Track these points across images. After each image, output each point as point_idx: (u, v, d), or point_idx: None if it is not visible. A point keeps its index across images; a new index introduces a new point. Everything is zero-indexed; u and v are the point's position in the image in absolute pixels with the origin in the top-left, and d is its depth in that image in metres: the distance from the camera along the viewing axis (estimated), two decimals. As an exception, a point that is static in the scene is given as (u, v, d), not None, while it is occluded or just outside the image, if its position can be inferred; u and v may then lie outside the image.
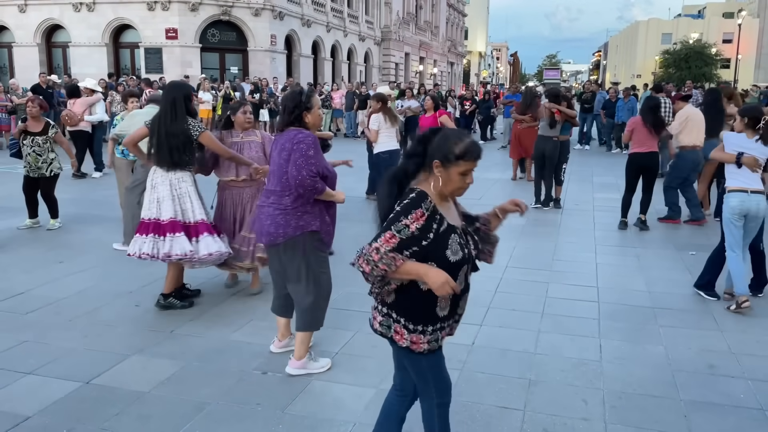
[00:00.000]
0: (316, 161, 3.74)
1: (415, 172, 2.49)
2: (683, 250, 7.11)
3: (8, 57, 28.01)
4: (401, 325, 2.56)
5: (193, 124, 4.88)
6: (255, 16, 26.52)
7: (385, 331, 2.62)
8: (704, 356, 4.33)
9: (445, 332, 2.65)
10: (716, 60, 56.07)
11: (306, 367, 4.00)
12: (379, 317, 2.63)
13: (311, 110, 3.87)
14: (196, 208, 4.99)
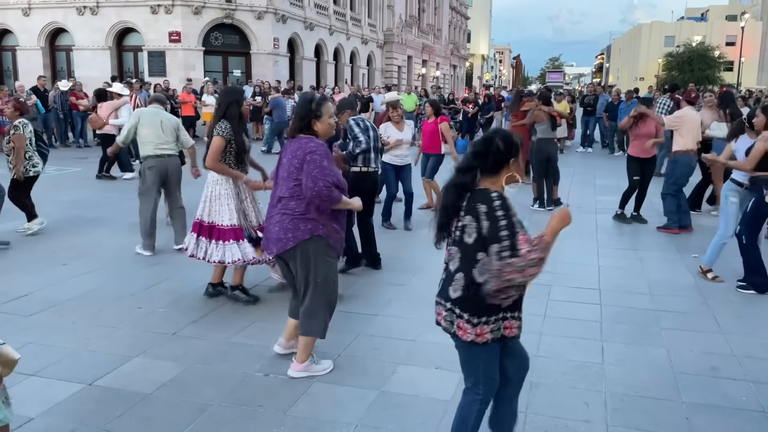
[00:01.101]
0: (331, 171, 3.75)
1: (476, 177, 2.68)
2: (685, 252, 7.10)
3: (12, 60, 28.12)
4: (465, 320, 2.68)
5: (217, 126, 5.02)
6: (258, 19, 26.58)
7: (448, 327, 2.75)
8: (706, 358, 4.33)
9: (507, 323, 2.75)
10: (719, 63, 55.99)
11: (308, 370, 4.00)
12: (443, 313, 2.76)
13: (320, 118, 3.83)
14: (224, 212, 5.14)
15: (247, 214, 5.26)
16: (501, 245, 2.51)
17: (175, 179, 6.88)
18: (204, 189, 5.28)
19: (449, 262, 2.77)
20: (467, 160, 2.72)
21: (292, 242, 3.77)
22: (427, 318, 5.00)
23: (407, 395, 3.78)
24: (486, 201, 2.60)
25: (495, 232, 2.54)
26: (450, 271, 2.75)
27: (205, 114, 18.87)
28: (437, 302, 2.81)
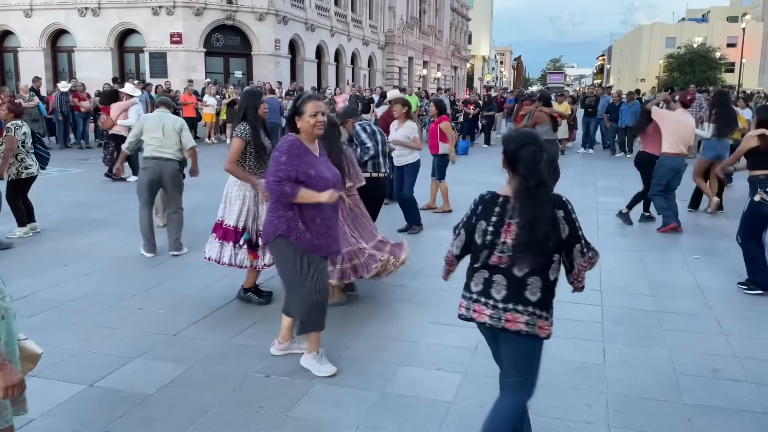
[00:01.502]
0: (287, 166, 3.75)
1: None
2: (687, 253, 7.10)
3: (14, 61, 28.16)
4: (543, 318, 2.78)
5: (237, 128, 5.06)
6: (259, 20, 26.61)
7: (531, 330, 2.77)
8: (708, 360, 4.32)
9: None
10: (720, 64, 55.99)
11: (310, 365, 4.06)
12: (523, 318, 2.75)
13: (302, 116, 3.84)
14: (233, 212, 5.19)
15: (257, 217, 5.23)
16: (581, 243, 2.75)
17: (172, 183, 6.77)
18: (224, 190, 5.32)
19: (511, 269, 2.75)
20: (538, 170, 2.71)
21: (263, 240, 4.03)
22: (428, 319, 5.01)
23: (409, 396, 3.78)
24: (562, 206, 2.75)
25: (576, 233, 2.74)
26: (516, 276, 2.75)
27: (206, 115, 18.89)
28: (510, 309, 2.76)
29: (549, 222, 2.69)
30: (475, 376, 4.06)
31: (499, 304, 2.77)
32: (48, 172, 12.68)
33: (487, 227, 2.79)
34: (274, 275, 5.58)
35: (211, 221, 8.43)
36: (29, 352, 2.56)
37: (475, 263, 2.88)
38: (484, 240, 2.80)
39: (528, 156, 2.71)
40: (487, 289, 2.80)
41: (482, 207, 2.85)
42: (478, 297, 2.84)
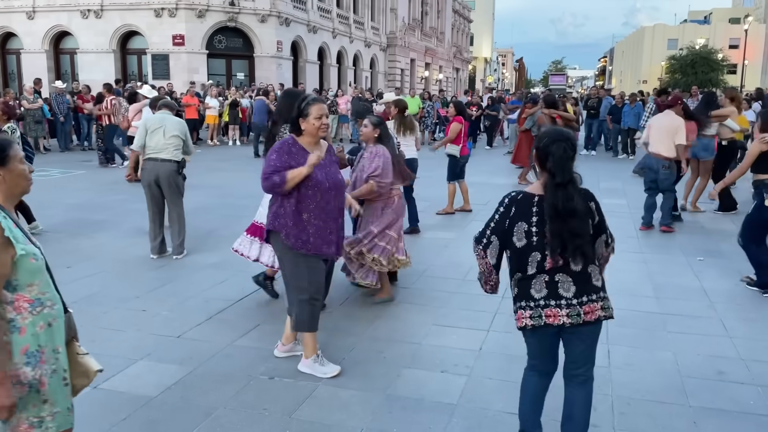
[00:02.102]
0: (276, 162, 3.82)
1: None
2: (691, 255, 7.08)
3: (16, 63, 28.21)
4: (607, 298, 2.88)
5: (283, 129, 4.98)
6: (261, 22, 26.63)
7: (607, 313, 2.84)
8: (713, 362, 4.31)
9: None
10: (723, 65, 55.95)
11: (311, 368, 4.05)
12: (600, 303, 2.83)
13: (306, 118, 3.85)
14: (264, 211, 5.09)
15: None
16: (607, 234, 2.91)
17: (169, 184, 6.70)
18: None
19: (569, 263, 2.79)
20: (568, 167, 2.76)
21: (264, 238, 4.18)
22: (431, 321, 5.00)
23: (412, 399, 3.77)
24: (592, 198, 2.87)
25: (603, 223, 2.88)
26: (575, 270, 2.80)
27: (208, 117, 18.90)
28: (588, 301, 2.80)
29: (582, 215, 2.75)
30: (480, 378, 4.05)
31: (573, 300, 2.79)
32: (51, 174, 12.72)
33: (529, 228, 2.79)
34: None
35: (213, 222, 8.48)
36: (86, 367, 2.55)
37: (529, 271, 2.83)
38: (530, 241, 2.79)
39: (558, 152, 2.74)
40: (555, 290, 2.80)
41: (516, 208, 2.83)
42: (547, 302, 2.80)
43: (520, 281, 2.88)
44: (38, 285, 2.30)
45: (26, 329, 2.25)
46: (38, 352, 2.27)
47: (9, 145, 2.31)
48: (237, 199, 10.10)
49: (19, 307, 2.25)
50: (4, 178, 2.28)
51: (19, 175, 2.32)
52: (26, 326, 2.25)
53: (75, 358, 2.51)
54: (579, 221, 2.73)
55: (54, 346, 2.33)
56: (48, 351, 2.31)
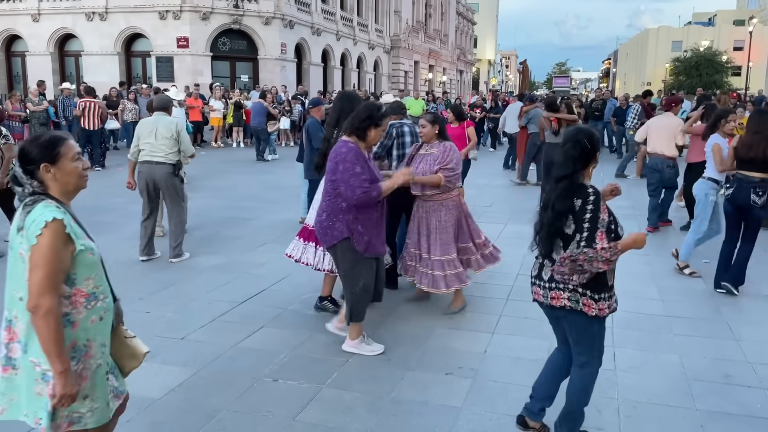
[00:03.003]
0: (363, 172, 4.01)
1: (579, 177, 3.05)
2: (696, 257, 7.03)
3: (21, 66, 28.32)
4: (588, 297, 3.02)
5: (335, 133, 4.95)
6: (265, 24, 26.67)
7: (573, 305, 3.05)
8: (720, 365, 4.28)
9: (613, 300, 3.14)
10: (727, 68, 55.79)
11: (358, 347, 4.38)
12: (566, 294, 3.05)
13: (378, 127, 4.14)
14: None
15: None
16: (582, 235, 2.91)
17: (166, 187, 6.65)
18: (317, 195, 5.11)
19: (551, 252, 3.08)
20: (567, 165, 3.02)
21: (326, 244, 4.27)
22: (436, 323, 4.98)
23: (417, 402, 3.75)
24: (582, 196, 2.97)
25: (581, 224, 2.93)
26: (555, 259, 3.06)
27: (213, 119, 18.91)
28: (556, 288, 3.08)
29: (559, 210, 2.96)
30: (484, 381, 4.03)
31: (546, 283, 3.12)
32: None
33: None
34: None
35: (217, 225, 8.47)
36: (135, 350, 2.59)
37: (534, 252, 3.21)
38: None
39: (567, 150, 3.06)
40: (540, 273, 3.17)
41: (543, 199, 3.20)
42: (535, 281, 3.21)
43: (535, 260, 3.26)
44: (94, 279, 2.35)
45: (79, 324, 2.30)
46: (86, 346, 2.32)
47: (60, 143, 2.33)
48: (241, 201, 10.11)
49: (76, 301, 2.29)
50: (55, 176, 2.30)
51: (70, 172, 2.34)
52: (79, 321, 2.30)
53: (123, 342, 2.56)
54: (548, 214, 3.01)
55: (102, 340, 2.39)
56: (96, 345, 2.36)
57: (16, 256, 2.27)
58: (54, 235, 2.19)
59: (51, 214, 2.21)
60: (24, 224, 2.22)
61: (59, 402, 2.21)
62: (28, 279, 2.19)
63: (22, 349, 2.28)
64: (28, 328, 2.24)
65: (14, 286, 2.30)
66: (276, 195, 10.70)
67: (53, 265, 2.18)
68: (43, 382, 2.25)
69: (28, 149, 2.30)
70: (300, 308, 5.34)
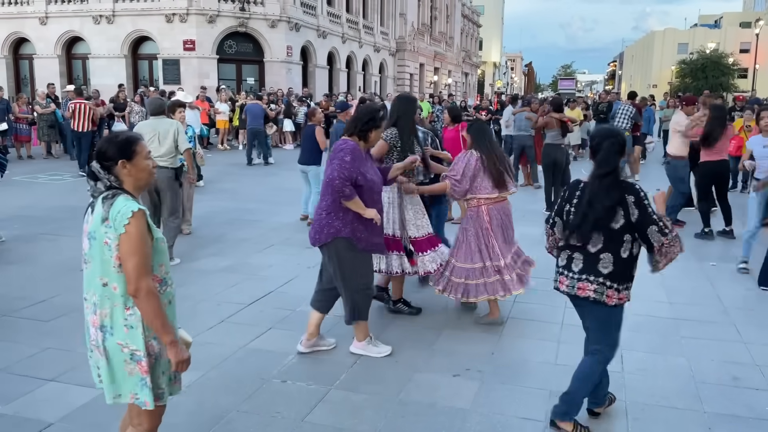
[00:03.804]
0: (351, 167, 4.01)
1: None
2: (704, 260, 7.03)
3: (29, 68, 28.47)
4: (613, 288, 3.22)
5: (385, 134, 4.95)
6: (271, 27, 26.74)
7: (597, 297, 3.23)
8: (728, 368, 4.27)
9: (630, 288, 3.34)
10: (733, 70, 55.63)
11: (364, 350, 4.39)
12: (592, 287, 3.24)
13: (377, 130, 4.24)
14: (385, 222, 4.88)
15: (405, 224, 4.99)
16: (658, 225, 3.09)
17: (168, 191, 6.67)
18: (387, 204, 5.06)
19: (587, 246, 3.23)
20: (611, 161, 3.17)
21: (318, 242, 4.21)
22: (443, 325, 4.99)
23: (425, 403, 3.76)
24: (633, 191, 3.13)
25: (647, 216, 3.09)
26: (589, 251, 3.23)
27: (219, 122, 18.96)
28: (585, 280, 3.25)
29: (610, 204, 3.10)
30: (492, 382, 4.04)
31: (575, 275, 3.28)
32: (62, 177, 12.82)
33: (569, 209, 3.30)
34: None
35: (224, 227, 8.49)
36: (182, 340, 2.74)
37: (561, 244, 3.38)
38: (567, 219, 3.31)
39: (608, 147, 3.19)
40: (569, 264, 3.33)
41: (568, 192, 3.37)
42: (562, 271, 3.37)
43: (560, 252, 3.42)
44: (164, 265, 2.58)
45: None
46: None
47: (135, 142, 2.55)
48: (247, 203, 10.14)
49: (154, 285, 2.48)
50: (130, 172, 2.51)
51: (143, 169, 2.55)
52: None
53: None
54: (596, 208, 3.13)
55: (172, 322, 2.58)
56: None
57: (101, 245, 2.44)
58: (140, 224, 2.40)
59: (135, 205, 2.43)
60: (109, 215, 2.41)
61: (177, 367, 2.49)
62: (124, 267, 2.40)
63: (107, 333, 2.47)
64: (112, 312, 2.46)
65: (98, 273, 2.47)
66: (282, 197, 10.72)
67: (143, 250, 2.41)
68: (132, 362, 2.47)
69: (107, 147, 2.49)
70: (307, 310, 5.33)
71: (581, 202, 3.21)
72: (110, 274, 2.44)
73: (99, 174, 2.49)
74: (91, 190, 2.52)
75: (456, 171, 4.87)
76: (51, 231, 8.09)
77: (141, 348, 2.45)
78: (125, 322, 2.45)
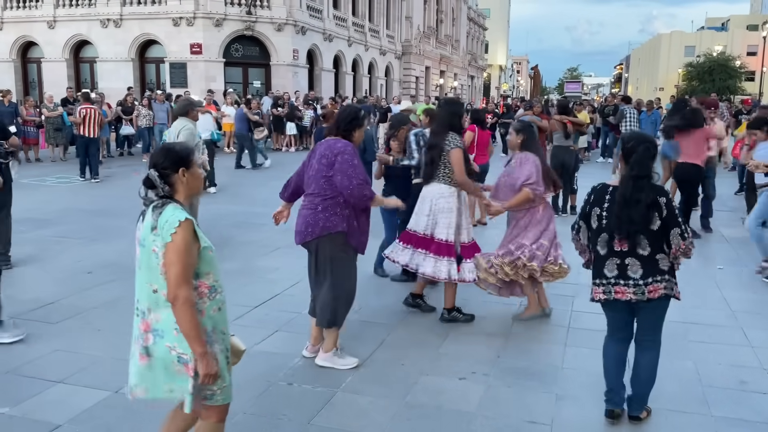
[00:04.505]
0: (361, 169, 4.09)
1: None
2: (711, 264, 7.00)
3: (37, 72, 28.64)
4: (675, 282, 3.36)
5: (449, 139, 4.92)
6: (278, 31, 26.82)
7: (669, 292, 3.34)
8: (735, 372, 4.26)
9: None
10: (741, 73, 55.41)
11: (330, 362, 4.21)
12: (663, 284, 3.31)
13: (361, 128, 4.28)
14: (443, 226, 4.94)
15: (460, 230, 5.03)
16: (682, 228, 3.23)
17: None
18: (420, 202, 5.10)
19: (635, 248, 3.28)
20: (646, 165, 3.23)
21: (309, 236, 4.11)
22: (450, 328, 4.99)
23: (431, 406, 3.76)
24: (664, 194, 3.26)
25: (674, 218, 3.22)
26: (642, 255, 3.28)
27: (225, 125, 19.02)
28: (653, 282, 3.28)
29: (645, 205, 3.16)
30: (498, 386, 4.04)
31: (640, 281, 3.28)
32: (70, 180, 12.88)
33: (601, 212, 3.32)
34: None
35: (231, 230, 8.52)
36: (235, 347, 2.81)
37: (600, 251, 3.37)
38: (600, 224, 3.33)
39: (642, 151, 3.24)
40: (624, 272, 3.31)
41: (594, 196, 3.39)
42: (617, 281, 3.33)
43: (596, 261, 3.42)
44: (213, 274, 2.62)
45: (205, 312, 2.57)
46: (213, 332, 2.59)
47: (192, 152, 2.68)
48: (254, 206, 10.16)
49: (201, 293, 2.57)
50: (187, 180, 2.61)
51: (197, 177, 2.68)
52: (205, 309, 2.57)
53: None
54: (637, 210, 3.17)
55: (222, 328, 2.65)
56: (218, 332, 2.62)
57: (149, 253, 2.53)
58: (186, 233, 2.48)
59: (182, 214, 2.51)
60: (158, 224, 2.49)
61: (203, 380, 2.50)
62: (166, 274, 2.47)
63: (158, 336, 2.54)
64: (164, 317, 2.53)
65: (147, 279, 2.57)
66: (288, 200, 10.73)
67: (186, 260, 2.47)
68: (179, 363, 2.52)
69: (164, 157, 2.58)
70: (314, 313, 5.36)
71: (614, 205, 3.27)
72: (158, 280, 2.52)
73: (156, 182, 2.55)
74: (143, 199, 2.60)
75: (529, 176, 4.95)
76: (59, 234, 8.13)
77: (188, 351, 2.50)
78: (175, 326, 2.51)
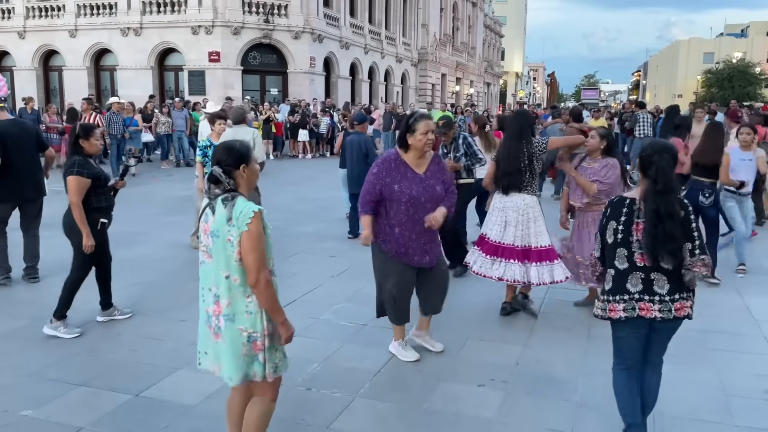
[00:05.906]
0: (375, 180, 4.20)
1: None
2: (732, 271, 6.91)
3: (59, 80, 29.10)
4: (693, 301, 3.19)
5: (537, 144, 5.09)
6: (295, 39, 27.02)
7: (690, 311, 3.18)
8: (759, 381, 4.19)
9: None
10: (761, 79, 54.73)
11: (395, 351, 4.54)
12: (689, 303, 3.15)
13: (413, 134, 4.18)
14: (542, 233, 5.14)
15: (530, 236, 5.23)
16: (694, 244, 3.04)
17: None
18: (503, 213, 5.19)
19: (661, 265, 3.08)
20: (669, 176, 3.07)
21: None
22: (468, 334, 4.97)
23: (450, 413, 3.75)
24: (684, 207, 3.10)
25: (690, 232, 3.05)
26: (668, 270, 3.08)
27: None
28: (680, 299, 3.12)
29: (677, 220, 3.01)
30: (517, 393, 4.01)
31: (666, 297, 3.10)
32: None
33: (617, 226, 3.16)
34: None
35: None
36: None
37: (619, 265, 3.16)
38: (616, 238, 3.16)
39: (661, 162, 3.07)
40: (650, 287, 3.10)
41: (611, 209, 3.23)
42: (641, 296, 3.12)
43: (616, 276, 3.18)
44: (272, 259, 2.86)
45: None
46: None
47: (251, 149, 2.92)
48: (270, 212, 10.15)
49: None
50: (247, 175, 2.84)
51: (255, 172, 2.92)
52: None
53: None
54: (675, 225, 3.03)
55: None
56: None
57: (224, 242, 2.74)
58: (259, 222, 2.73)
59: (255, 206, 2.75)
60: (233, 215, 2.71)
61: (286, 340, 2.84)
62: (245, 260, 2.71)
63: (229, 319, 2.77)
64: (233, 301, 2.77)
65: (222, 267, 2.77)
66: (305, 206, 10.80)
67: (262, 246, 2.73)
68: (248, 343, 2.77)
69: (229, 154, 2.80)
70: (331, 318, 5.38)
71: (631, 217, 3.11)
72: (232, 267, 2.74)
73: (221, 177, 2.76)
74: (208, 193, 2.81)
75: (606, 178, 5.16)
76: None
77: (259, 330, 2.76)
78: (246, 309, 2.76)
